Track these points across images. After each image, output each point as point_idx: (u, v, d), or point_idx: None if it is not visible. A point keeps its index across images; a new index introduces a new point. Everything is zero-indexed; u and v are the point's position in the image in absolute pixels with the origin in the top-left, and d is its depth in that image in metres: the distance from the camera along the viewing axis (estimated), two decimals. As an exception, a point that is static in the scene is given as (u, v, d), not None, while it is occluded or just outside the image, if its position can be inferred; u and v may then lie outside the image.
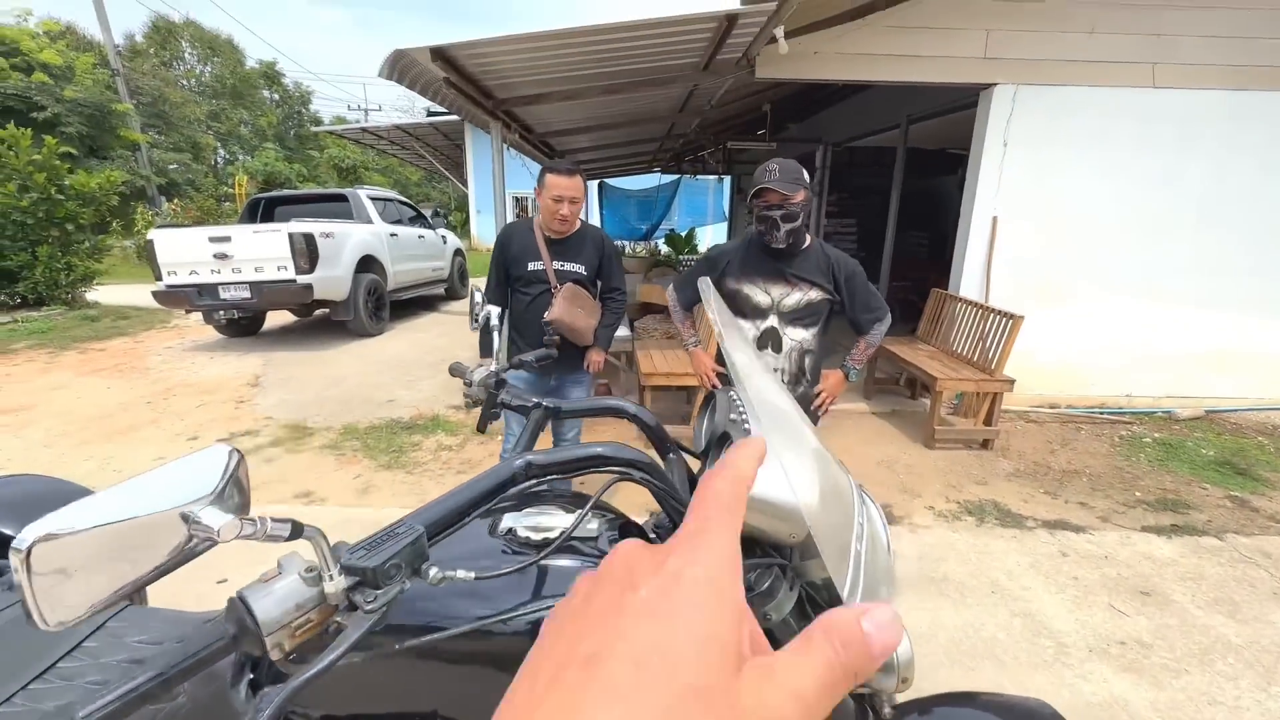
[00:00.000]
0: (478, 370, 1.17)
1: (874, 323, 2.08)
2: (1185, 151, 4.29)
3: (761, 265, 2.02)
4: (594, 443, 0.76)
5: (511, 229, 2.49)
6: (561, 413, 0.98)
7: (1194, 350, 4.67)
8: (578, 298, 2.41)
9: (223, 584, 2.40)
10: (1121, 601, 2.41)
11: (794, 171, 1.85)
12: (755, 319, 2.04)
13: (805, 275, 1.99)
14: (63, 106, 15.50)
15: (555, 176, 2.27)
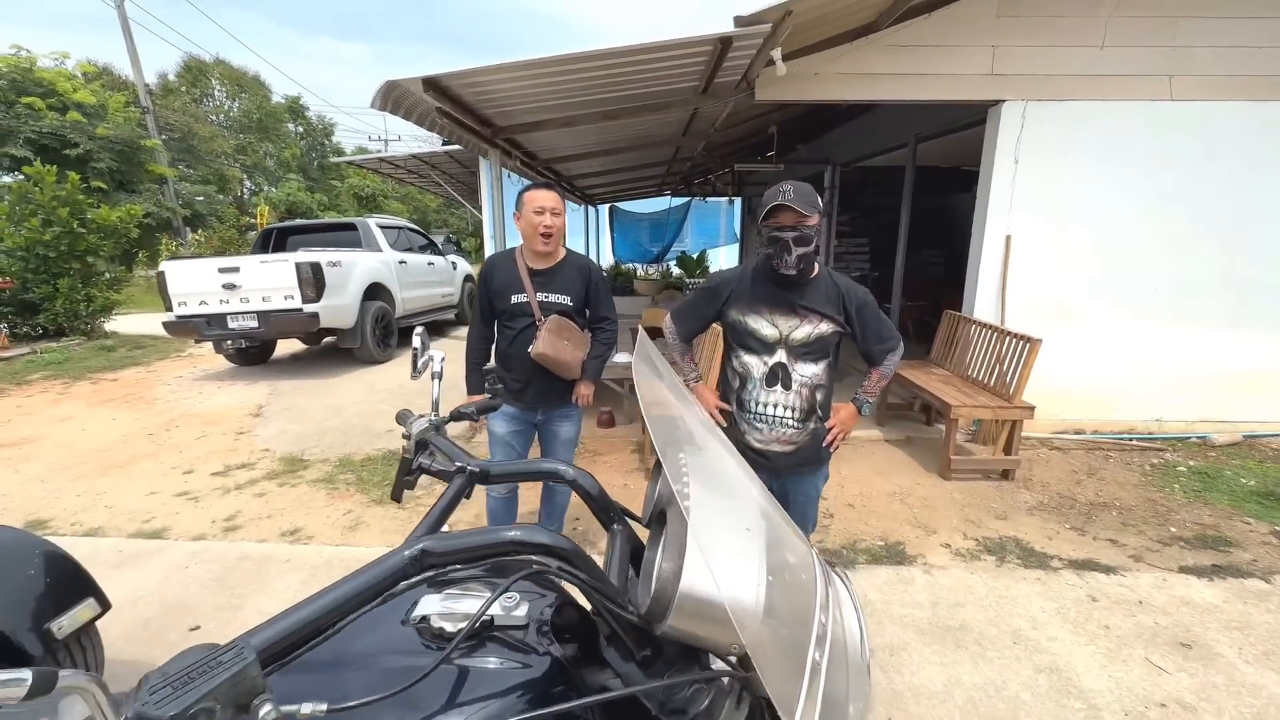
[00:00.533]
0: (417, 421, 1.07)
1: (887, 353, 1.95)
2: (1207, 165, 4.11)
3: (768, 295, 1.86)
4: (509, 524, 0.64)
5: (494, 261, 2.39)
6: (490, 476, 0.87)
7: (1228, 371, 4.41)
8: (563, 330, 2.30)
9: (195, 630, 2.30)
10: (1160, 655, 2.19)
11: (808, 193, 1.72)
12: (763, 354, 1.87)
13: (815, 306, 1.84)
14: (95, 143, 16.08)
15: (533, 191, 2.20)
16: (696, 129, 6.00)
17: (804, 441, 1.89)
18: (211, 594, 2.55)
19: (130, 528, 3.13)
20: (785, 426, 1.86)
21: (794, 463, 1.92)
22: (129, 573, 2.71)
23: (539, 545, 0.62)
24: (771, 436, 1.88)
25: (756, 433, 1.90)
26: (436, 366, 1.22)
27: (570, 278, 2.34)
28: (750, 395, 1.89)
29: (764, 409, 1.87)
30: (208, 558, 2.83)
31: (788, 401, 1.87)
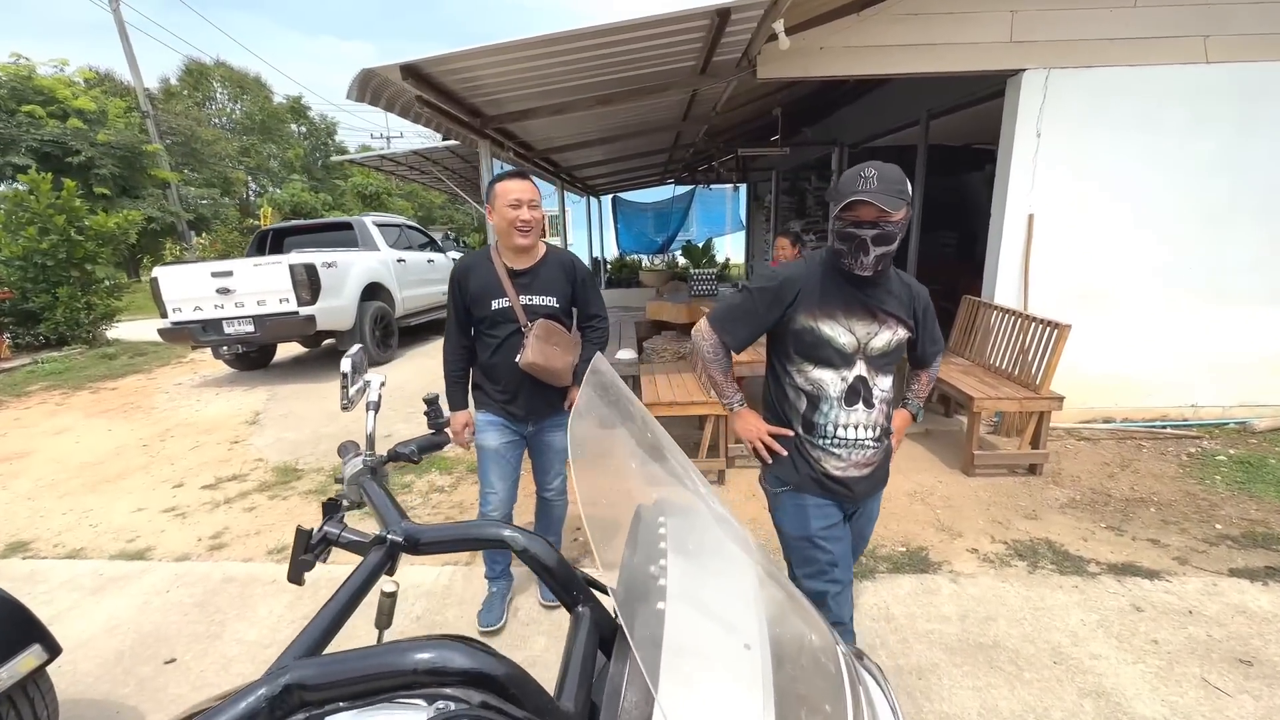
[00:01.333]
0: (350, 461, 0.90)
1: (937, 355, 1.76)
2: (1246, 132, 3.82)
3: (841, 296, 1.53)
4: (419, 641, 0.46)
5: (467, 263, 2.12)
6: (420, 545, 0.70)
7: (1268, 351, 4.14)
8: (552, 334, 2.09)
9: (170, 664, 2.16)
10: (1217, 674, 1.99)
11: (897, 181, 1.38)
12: (841, 367, 1.54)
13: (893, 310, 1.55)
14: (96, 150, 16.08)
15: (505, 182, 1.98)
16: (697, 113, 5.76)
17: (880, 460, 1.64)
18: (191, 621, 2.41)
19: (113, 548, 3.01)
20: (864, 448, 1.58)
21: (872, 486, 1.66)
22: (107, 599, 2.58)
23: (457, 673, 0.44)
24: (850, 461, 1.58)
25: (835, 459, 1.58)
26: (373, 395, 1.04)
27: (553, 276, 2.13)
28: (826, 417, 1.56)
29: (844, 431, 1.56)
30: (190, 580, 2.69)
31: (868, 421, 1.57)
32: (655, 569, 0.53)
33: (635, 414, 0.69)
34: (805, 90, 6.87)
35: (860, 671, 0.56)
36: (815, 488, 1.61)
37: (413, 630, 2.30)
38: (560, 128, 5.34)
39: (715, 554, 0.55)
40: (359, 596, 0.66)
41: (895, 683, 1.98)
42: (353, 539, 0.75)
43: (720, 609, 0.48)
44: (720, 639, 0.45)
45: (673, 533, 0.53)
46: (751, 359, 3.74)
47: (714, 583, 0.51)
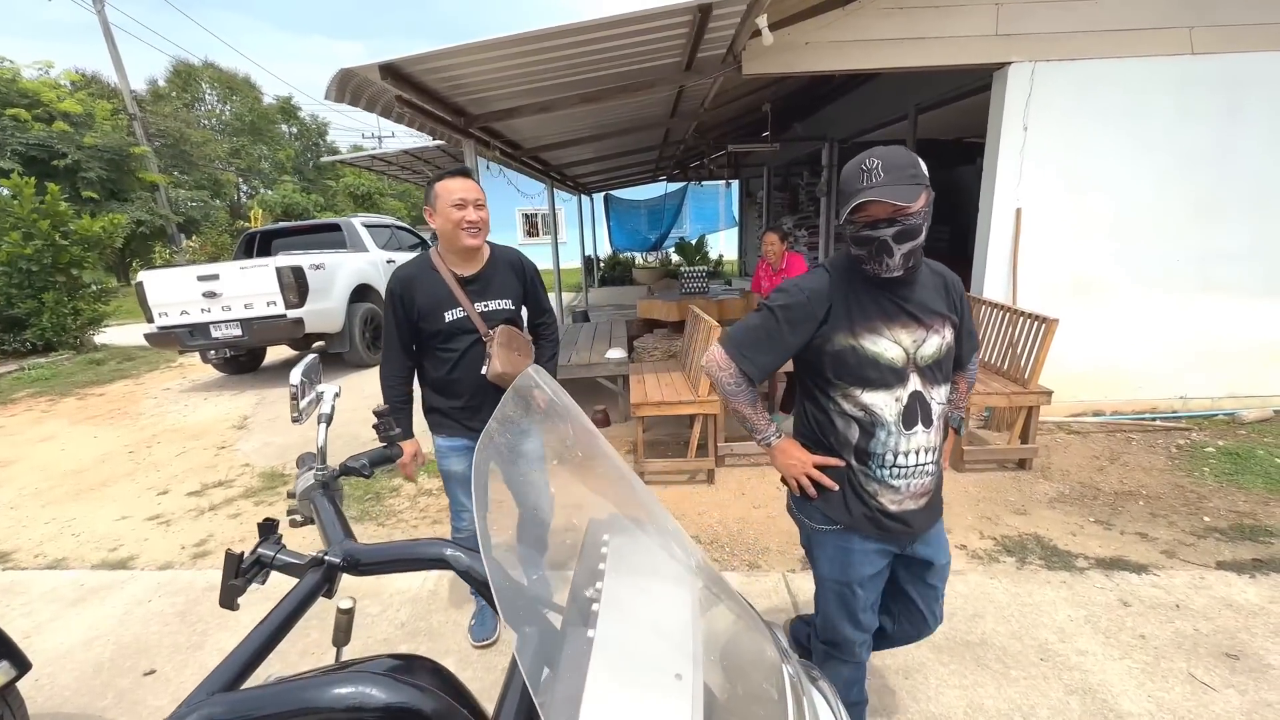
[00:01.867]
0: (302, 476, 0.87)
1: (973, 352, 1.52)
2: (1234, 123, 3.81)
3: (877, 303, 1.32)
4: (340, 674, 0.44)
5: (407, 276, 1.89)
6: (361, 565, 0.68)
7: (1255, 343, 4.14)
8: (513, 341, 1.97)
9: (150, 675, 2.13)
10: (1204, 669, 1.98)
11: (906, 165, 1.20)
12: (895, 385, 1.32)
13: (935, 308, 1.34)
14: (83, 153, 15.94)
15: (447, 181, 1.83)
16: (685, 109, 5.72)
17: (935, 487, 1.43)
18: (172, 631, 2.38)
19: (95, 558, 2.97)
20: (924, 475, 1.37)
21: (930, 518, 1.44)
22: (87, 609, 2.54)
23: (377, 710, 0.42)
24: (908, 492, 1.37)
25: (892, 492, 1.36)
26: (325, 406, 1.01)
27: (504, 277, 2.00)
28: (883, 445, 1.34)
29: (904, 459, 1.34)
30: (172, 589, 2.66)
31: (929, 443, 1.35)
32: (591, 591, 0.51)
33: (570, 427, 0.67)
34: (794, 86, 6.85)
35: (808, 689, 0.54)
36: (870, 528, 1.40)
37: (396, 638, 2.28)
38: (548, 126, 5.30)
39: (655, 574, 0.53)
40: (289, 624, 0.64)
41: (881, 683, 1.97)
42: (288, 561, 0.73)
43: (654, 636, 0.46)
44: (651, 669, 0.43)
45: (614, 552, 0.51)
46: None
47: (651, 607, 0.48)
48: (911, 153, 1.23)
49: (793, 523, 1.63)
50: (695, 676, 0.43)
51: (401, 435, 1.94)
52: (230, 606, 0.74)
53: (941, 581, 1.53)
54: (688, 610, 0.49)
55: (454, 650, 2.19)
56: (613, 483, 0.65)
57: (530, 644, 0.52)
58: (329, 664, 0.77)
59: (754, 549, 2.80)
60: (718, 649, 0.48)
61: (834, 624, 1.52)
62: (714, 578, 0.59)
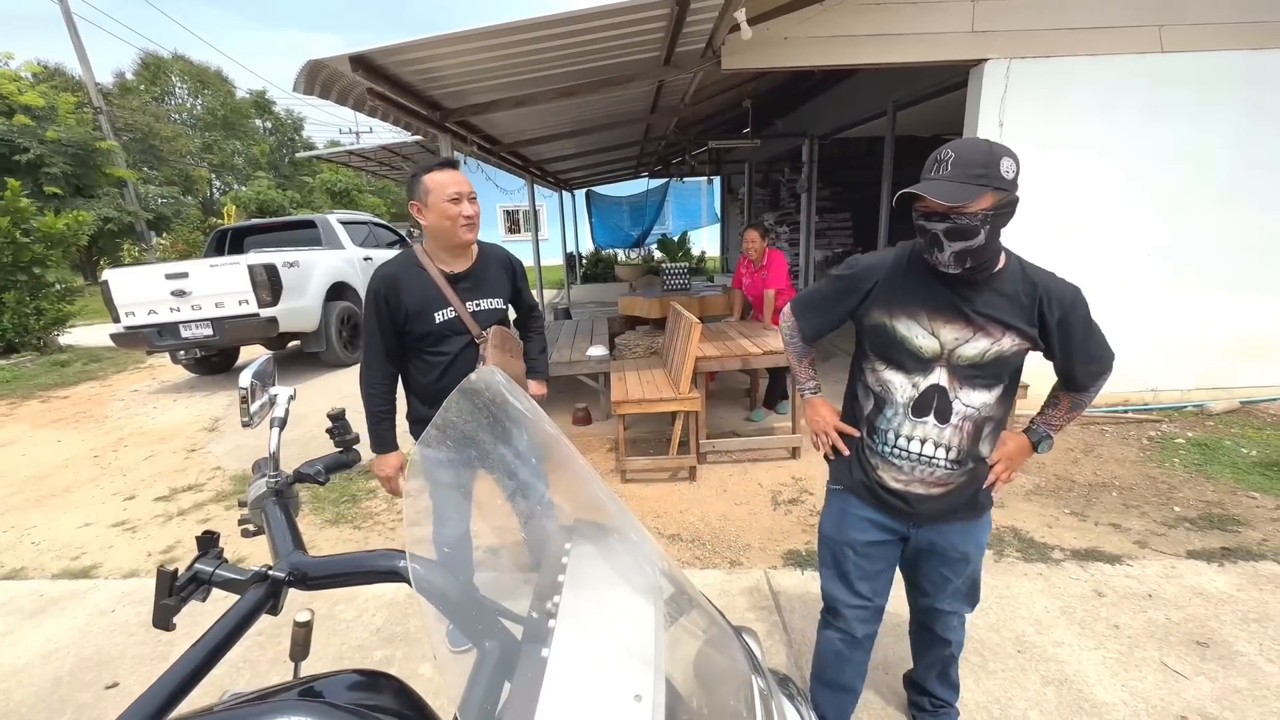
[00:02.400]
0: (254, 485, 0.83)
1: (1095, 377, 1.39)
2: (1202, 120, 3.89)
3: (929, 294, 1.32)
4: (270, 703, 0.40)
5: (392, 275, 1.76)
6: (309, 580, 0.64)
7: (1223, 336, 4.24)
8: (505, 341, 1.91)
9: (113, 688, 2.06)
10: (1175, 657, 2.01)
11: (978, 164, 1.16)
12: (915, 372, 1.34)
13: (998, 315, 1.29)
14: (45, 148, 15.43)
15: (437, 174, 1.70)
16: (666, 104, 5.70)
17: (959, 483, 1.40)
18: (137, 642, 2.30)
19: (56, 567, 2.87)
20: (934, 467, 1.37)
21: (942, 509, 1.43)
22: (46, 621, 2.45)
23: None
24: (915, 476, 1.39)
25: (894, 470, 1.41)
26: (279, 410, 0.97)
27: (495, 275, 1.91)
28: (888, 423, 1.39)
29: (905, 443, 1.37)
30: (138, 598, 2.57)
31: (941, 438, 1.35)
32: (550, 605, 0.48)
33: (526, 430, 0.64)
34: (774, 82, 6.86)
35: (779, 701, 0.51)
36: (865, 495, 1.47)
37: (371, 644, 2.23)
38: (527, 120, 5.24)
39: (618, 585, 0.50)
40: (227, 644, 0.60)
41: (862, 679, 1.97)
42: (229, 577, 0.69)
43: (614, 653, 0.43)
44: (608, 689, 0.40)
45: (574, 561, 0.48)
46: (722, 354, 3.72)
47: (611, 622, 0.46)
48: (996, 151, 1.17)
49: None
50: (656, 696, 0.41)
51: (384, 447, 1.86)
52: (165, 627, 0.70)
53: (955, 574, 1.52)
54: (650, 624, 0.46)
55: (430, 656, 2.15)
56: (575, 487, 0.62)
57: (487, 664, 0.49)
58: (288, 680, 0.73)
59: (735, 546, 2.79)
60: (684, 663, 0.45)
61: (826, 581, 1.60)
62: (681, 586, 0.56)
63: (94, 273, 18.29)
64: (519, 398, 0.66)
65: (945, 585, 1.53)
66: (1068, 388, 1.44)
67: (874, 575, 1.53)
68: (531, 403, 0.68)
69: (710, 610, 0.56)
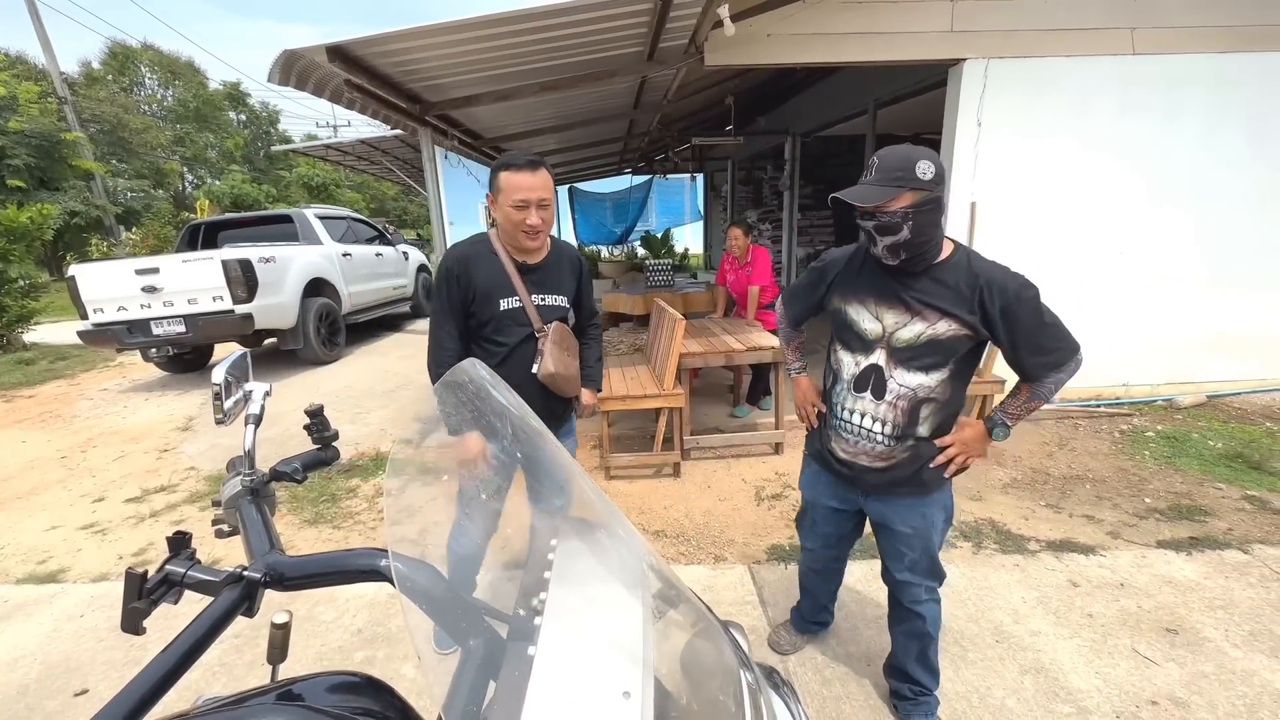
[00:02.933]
0: (228, 484, 0.81)
1: (1050, 370, 1.43)
2: (1172, 121, 3.99)
3: (874, 282, 1.49)
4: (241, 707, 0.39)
5: (466, 253, 1.75)
6: (286, 580, 0.63)
7: (1191, 332, 4.37)
8: (565, 339, 1.85)
9: (82, 695, 2.00)
10: (1146, 644, 2.07)
11: (895, 168, 1.32)
12: (858, 352, 1.52)
13: (935, 302, 1.41)
14: (7, 138, 14.92)
15: (512, 174, 1.64)
16: (649, 101, 5.69)
17: (901, 459, 1.52)
18: (107, 648, 2.23)
19: (21, 571, 2.77)
20: (873, 441, 1.52)
21: (885, 482, 1.56)
22: (10, 628, 2.37)
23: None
24: (858, 449, 1.56)
25: (843, 441, 1.60)
26: (254, 407, 0.95)
27: (563, 274, 1.87)
28: (838, 398, 1.59)
29: (849, 415, 1.55)
30: (107, 603, 2.50)
31: (877, 413, 1.50)
32: (536, 603, 0.47)
33: (511, 425, 0.63)
34: (757, 79, 6.88)
35: (768, 695, 0.51)
36: (822, 462, 1.71)
37: (351, 645, 2.19)
38: (509, 115, 5.19)
39: (605, 581, 0.49)
40: (200, 647, 0.58)
41: (845, 673, 2.00)
42: (201, 578, 0.67)
43: (601, 649, 0.43)
44: (596, 687, 0.40)
45: (560, 558, 0.48)
46: (706, 350, 3.72)
47: (598, 618, 0.45)
48: (914, 155, 1.32)
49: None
50: (645, 693, 0.40)
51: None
52: (134, 631, 0.67)
53: (908, 547, 1.63)
54: (638, 620, 0.46)
55: (413, 657, 2.12)
56: (561, 483, 0.61)
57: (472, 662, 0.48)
58: (265, 684, 0.72)
59: (719, 542, 2.80)
60: (672, 656, 0.45)
61: (797, 523, 1.95)
62: (668, 581, 0.56)
63: (60, 268, 17.73)
64: (503, 391, 0.65)
65: (902, 557, 1.65)
66: (1023, 379, 1.49)
67: (825, 535, 1.82)
68: (515, 397, 0.67)
69: (698, 605, 0.56)
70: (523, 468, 0.60)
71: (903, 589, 1.69)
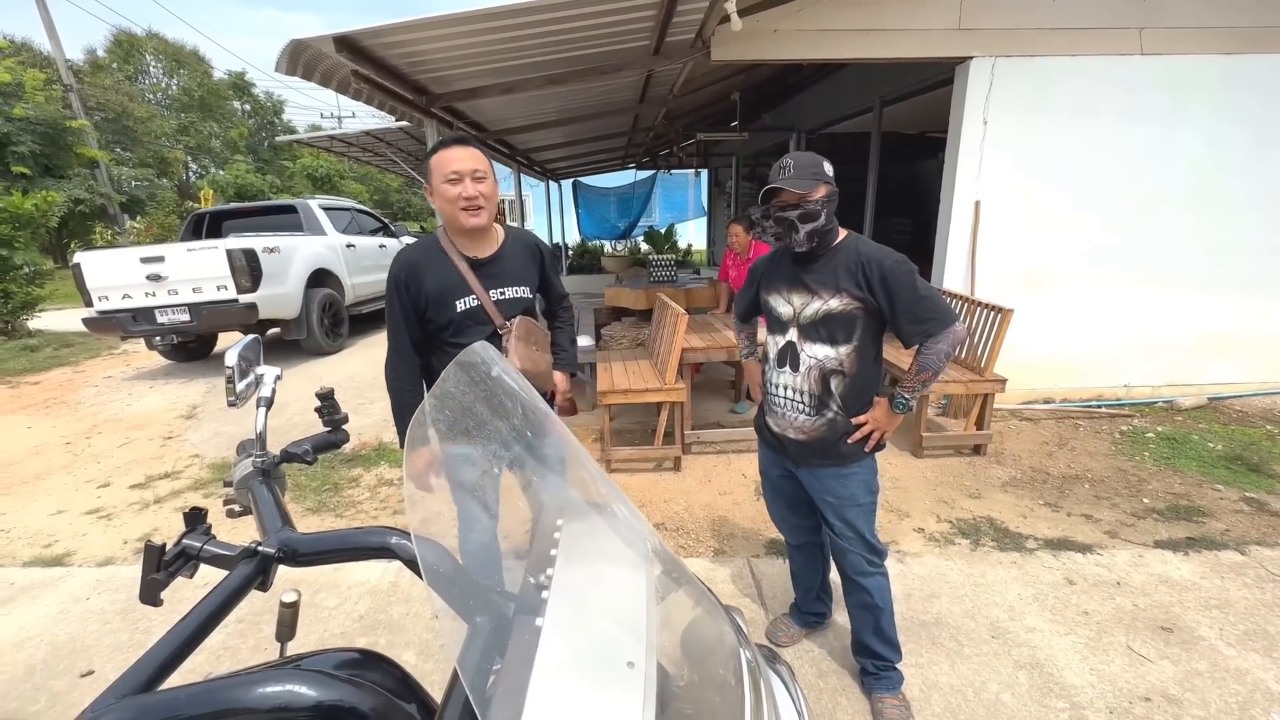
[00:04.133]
0: (239, 464, 0.82)
1: (924, 337, 1.60)
2: (1177, 122, 3.98)
3: (786, 272, 1.74)
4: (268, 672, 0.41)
5: (412, 259, 1.69)
6: (300, 556, 0.64)
7: (1193, 334, 4.37)
8: (531, 333, 1.80)
9: (88, 676, 2.03)
10: (1141, 642, 2.08)
11: (811, 165, 1.59)
12: (778, 333, 1.76)
13: (829, 280, 1.64)
14: (12, 125, 14.88)
15: (440, 153, 1.61)
16: (654, 95, 5.67)
17: (820, 432, 1.72)
18: (113, 630, 2.26)
19: (27, 554, 2.80)
20: (797, 412, 1.73)
21: (810, 454, 1.76)
22: (17, 610, 2.40)
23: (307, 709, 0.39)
24: (786, 422, 1.77)
25: (774, 415, 1.81)
26: (266, 389, 0.96)
27: (522, 262, 1.81)
28: (768, 374, 1.81)
29: (776, 390, 1.77)
30: (113, 586, 2.53)
31: (795, 384, 1.72)
32: (542, 578, 0.48)
33: (520, 406, 0.64)
34: (763, 75, 6.86)
35: (767, 674, 0.53)
36: (761, 435, 1.93)
37: (354, 631, 2.22)
38: (514, 108, 5.19)
39: (609, 559, 0.51)
40: (216, 619, 0.60)
41: (843, 665, 2.02)
42: (217, 553, 0.69)
43: (606, 623, 0.44)
44: (601, 657, 0.41)
45: (566, 538, 0.49)
46: (708, 345, 3.74)
47: (603, 594, 0.47)
48: (819, 157, 1.61)
49: (757, 510, 1.84)
50: (648, 664, 0.42)
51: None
52: (152, 602, 0.69)
53: (835, 516, 1.78)
54: (642, 596, 0.47)
55: (415, 643, 2.15)
56: (567, 466, 0.62)
57: (480, 636, 0.50)
58: (273, 660, 0.73)
59: (719, 535, 2.82)
60: (674, 635, 0.46)
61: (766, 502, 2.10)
62: (671, 562, 0.57)
63: (64, 256, 17.76)
64: (511, 374, 0.67)
65: (831, 525, 1.82)
66: (905, 345, 1.67)
67: (785, 500, 1.96)
68: (523, 379, 0.69)
69: (700, 586, 0.58)
70: (530, 448, 0.62)
71: (842, 556, 1.82)
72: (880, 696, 1.83)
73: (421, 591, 2.40)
